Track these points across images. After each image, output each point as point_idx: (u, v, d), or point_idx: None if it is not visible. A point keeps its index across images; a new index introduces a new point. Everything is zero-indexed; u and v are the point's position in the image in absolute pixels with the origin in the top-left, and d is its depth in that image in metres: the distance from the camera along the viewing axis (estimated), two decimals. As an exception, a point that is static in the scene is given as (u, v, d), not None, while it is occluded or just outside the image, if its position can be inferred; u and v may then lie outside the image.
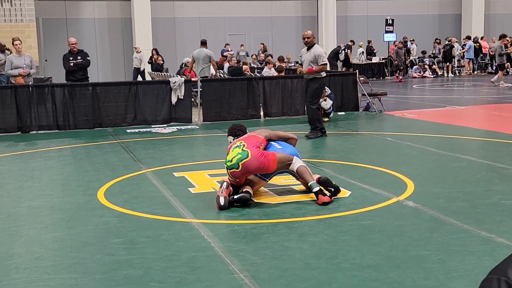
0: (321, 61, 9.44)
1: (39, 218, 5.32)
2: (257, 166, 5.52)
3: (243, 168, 5.49)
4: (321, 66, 9.45)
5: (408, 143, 8.89)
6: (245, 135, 5.90)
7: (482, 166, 7.21)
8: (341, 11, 27.15)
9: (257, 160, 5.50)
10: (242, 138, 5.82)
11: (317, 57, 9.42)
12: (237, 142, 5.72)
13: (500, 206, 5.28)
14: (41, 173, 7.40)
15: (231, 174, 5.57)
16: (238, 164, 5.48)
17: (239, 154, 5.53)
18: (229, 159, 5.57)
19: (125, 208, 5.53)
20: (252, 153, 5.51)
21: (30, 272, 3.95)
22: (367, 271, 3.83)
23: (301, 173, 5.64)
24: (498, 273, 1.16)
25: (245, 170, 5.51)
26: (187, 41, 25.17)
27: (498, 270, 1.17)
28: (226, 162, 5.60)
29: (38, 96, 11.14)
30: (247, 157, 5.48)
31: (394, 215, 5.10)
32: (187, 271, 3.90)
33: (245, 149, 5.57)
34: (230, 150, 5.67)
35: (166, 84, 12.03)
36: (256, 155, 5.52)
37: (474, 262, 3.94)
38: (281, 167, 5.69)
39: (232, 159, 5.53)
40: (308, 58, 9.53)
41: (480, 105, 14.13)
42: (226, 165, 5.61)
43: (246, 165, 5.48)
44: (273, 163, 5.58)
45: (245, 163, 5.47)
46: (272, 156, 5.58)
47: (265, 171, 5.63)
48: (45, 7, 23.20)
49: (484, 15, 28.88)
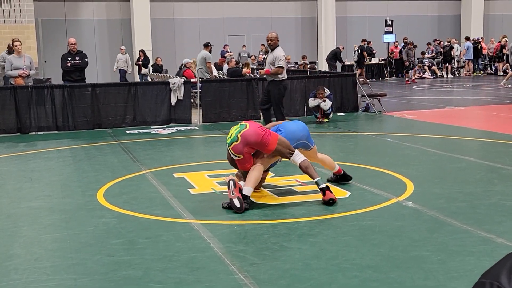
0: (277, 63, 9.39)
1: (38, 219, 5.31)
2: (256, 138, 5.43)
3: (243, 139, 5.40)
4: (276, 68, 9.43)
5: (407, 143, 8.89)
6: None
7: (481, 166, 7.21)
8: (341, 12, 27.16)
9: (256, 131, 5.45)
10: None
11: (275, 59, 9.42)
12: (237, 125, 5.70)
13: (499, 207, 5.28)
14: (40, 174, 7.39)
15: (233, 151, 5.44)
16: (237, 136, 5.42)
17: (237, 128, 5.54)
18: (229, 136, 5.52)
19: (125, 209, 5.52)
20: (250, 125, 5.53)
21: (29, 273, 3.95)
22: (367, 271, 3.83)
23: (305, 168, 5.59)
24: (490, 277, 1.15)
25: (245, 140, 5.40)
26: (186, 42, 25.17)
27: (491, 274, 1.16)
28: (226, 140, 5.54)
29: (37, 97, 11.14)
30: (245, 128, 5.48)
31: (394, 215, 5.10)
32: (186, 272, 3.90)
33: (243, 123, 5.63)
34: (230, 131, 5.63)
35: (166, 85, 12.03)
36: (255, 126, 5.52)
37: (474, 262, 3.93)
38: (281, 152, 5.59)
39: (231, 135, 5.49)
40: (268, 60, 9.59)
41: (480, 106, 14.13)
42: (227, 143, 5.51)
43: (245, 136, 5.41)
44: (274, 141, 5.49)
45: (243, 133, 5.42)
46: (274, 135, 5.55)
47: (265, 147, 5.49)
48: (44, 8, 23.21)
49: (483, 16, 28.89)
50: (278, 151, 5.58)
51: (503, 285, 1.12)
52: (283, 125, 5.93)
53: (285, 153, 5.61)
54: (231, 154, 5.52)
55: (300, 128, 5.93)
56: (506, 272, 1.13)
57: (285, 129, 5.83)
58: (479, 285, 1.17)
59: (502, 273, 1.14)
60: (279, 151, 5.58)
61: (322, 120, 11.63)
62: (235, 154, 5.47)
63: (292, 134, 5.78)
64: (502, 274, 1.13)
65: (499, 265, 1.17)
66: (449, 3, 29.30)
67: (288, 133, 5.77)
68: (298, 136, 5.84)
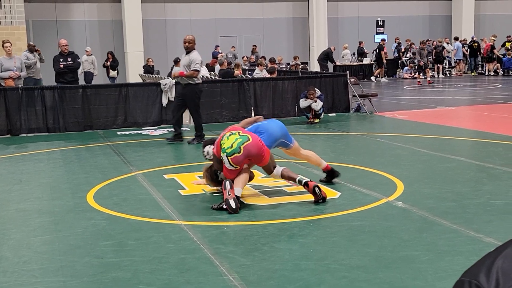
0: (194, 66, 9.20)
1: (27, 221, 5.29)
2: (257, 151, 5.49)
3: (245, 151, 5.42)
4: (191, 71, 9.23)
5: (398, 144, 8.91)
6: (228, 128, 5.85)
7: (471, 166, 7.24)
8: (332, 12, 27.21)
9: (257, 144, 5.50)
10: (227, 130, 5.76)
11: (191, 61, 9.23)
12: (227, 133, 5.65)
13: (488, 206, 5.30)
14: (30, 176, 7.36)
15: (232, 161, 5.43)
16: (239, 148, 5.42)
17: (239, 139, 5.49)
18: (228, 145, 5.46)
19: (115, 211, 5.51)
20: (252, 137, 5.53)
21: (18, 276, 3.93)
22: (356, 272, 3.83)
23: (286, 174, 5.67)
24: (469, 276, 1.16)
25: (247, 153, 5.43)
26: (178, 43, 25.02)
27: (470, 272, 1.17)
28: (226, 149, 5.46)
29: (28, 98, 11.09)
30: (248, 140, 5.48)
31: (383, 215, 5.12)
32: (176, 274, 3.89)
33: (243, 134, 5.57)
34: (225, 139, 5.56)
35: (157, 86, 12.01)
36: (256, 139, 5.54)
37: (463, 262, 3.95)
38: (268, 166, 5.68)
39: (232, 145, 5.45)
40: (184, 63, 9.40)
41: (470, 106, 14.20)
42: (226, 152, 5.45)
43: (248, 148, 5.43)
44: (268, 155, 5.60)
45: (247, 145, 5.44)
46: (267, 149, 5.62)
47: (261, 160, 5.56)
48: (35, 9, 23.11)
49: (474, 16, 29.03)
50: (268, 164, 5.68)
51: (481, 283, 1.12)
52: (262, 127, 5.87)
53: (270, 167, 5.71)
54: (229, 164, 5.46)
55: (279, 127, 5.95)
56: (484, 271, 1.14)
57: (265, 130, 5.81)
58: (459, 283, 1.18)
59: (481, 272, 1.15)
60: (268, 164, 5.68)
61: (313, 120, 11.65)
62: (233, 164, 5.45)
63: (272, 134, 5.81)
64: (481, 272, 1.14)
65: (479, 263, 1.18)
66: (440, 3, 29.42)
67: (270, 135, 5.78)
68: (278, 135, 5.86)
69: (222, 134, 5.78)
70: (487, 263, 1.16)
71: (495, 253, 1.17)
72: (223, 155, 5.50)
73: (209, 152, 6.01)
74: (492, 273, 1.12)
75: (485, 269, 1.14)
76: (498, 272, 1.12)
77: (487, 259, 1.18)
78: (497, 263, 1.14)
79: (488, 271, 1.13)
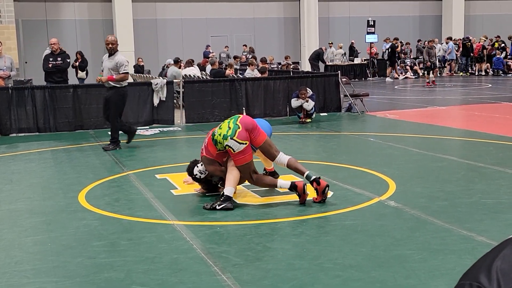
0: (123, 69, 8.87)
1: (18, 221, 5.25)
2: (251, 122, 5.59)
3: (243, 124, 5.48)
4: (122, 75, 8.88)
5: (390, 143, 8.94)
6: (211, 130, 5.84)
7: (462, 165, 7.28)
8: (323, 12, 27.25)
9: (249, 117, 5.67)
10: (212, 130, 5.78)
11: (118, 65, 8.85)
12: (215, 129, 5.66)
13: (480, 205, 5.33)
14: (21, 176, 7.31)
15: (239, 138, 5.38)
16: (237, 124, 5.46)
17: (231, 119, 5.57)
18: (226, 129, 5.45)
19: (107, 211, 5.48)
20: (242, 115, 5.67)
21: (9, 276, 3.90)
22: (349, 271, 3.84)
23: (293, 165, 5.71)
24: (469, 279, 1.14)
25: (245, 125, 5.48)
26: (169, 43, 25.08)
27: (470, 275, 1.16)
28: (227, 134, 5.41)
29: (18, 98, 11.02)
30: (239, 116, 5.62)
31: (376, 215, 5.13)
32: (169, 273, 3.88)
33: (231, 116, 5.69)
34: (218, 131, 5.53)
35: (148, 85, 11.97)
36: (245, 116, 5.71)
37: (455, 260, 3.97)
38: (267, 149, 5.70)
39: (229, 126, 5.45)
40: (109, 66, 8.92)
41: (461, 106, 14.27)
42: (228, 136, 5.40)
43: (243, 120, 5.53)
44: (263, 135, 5.65)
45: (241, 120, 5.54)
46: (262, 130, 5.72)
47: (258, 132, 5.60)
48: (25, 8, 22.97)
49: (464, 16, 29.18)
50: (265, 148, 5.66)
51: (483, 285, 1.11)
52: None
53: (273, 151, 5.72)
54: (238, 144, 5.39)
55: (267, 126, 6.10)
56: (485, 272, 1.13)
57: None
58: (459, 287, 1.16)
59: (481, 273, 1.13)
60: (265, 148, 5.66)
61: (305, 120, 11.66)
62: (242, 140, 5.41)
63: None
64: (481, 274, 1.13)
65: (477, 265, 1.17)
66: (430, 3, 29.55)
67: None
68: (267, 133, 5.93)
69: (208, 136, 5.79)
70: (486, 264, 1.14)
71: (492, 254, 1.16)
72: (227, 141, 5.43)
73: (200, 170, 5.84)
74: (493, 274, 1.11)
75: (485, 270, 1.13)
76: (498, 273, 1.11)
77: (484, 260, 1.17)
78: (495, 264, 1.12)
79: (488, 272, 1.12)
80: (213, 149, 5.64)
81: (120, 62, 8.88)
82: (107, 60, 9.04)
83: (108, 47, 9.01)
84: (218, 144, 5.54)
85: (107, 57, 9.08)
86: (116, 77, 8.88)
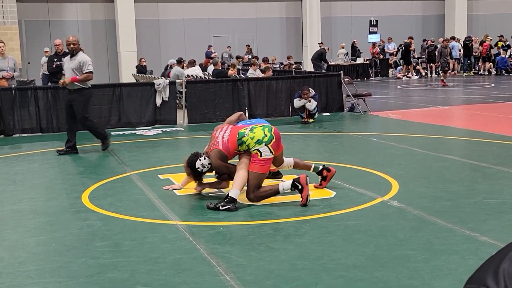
0: (86, 68, 8.57)
1: (22, 222, 5.27)
2: (279, 136, 5.68)
3: (276, 135, 5.58)
4: (86, 74, 8.55)
5: (392, 143, 8.93)
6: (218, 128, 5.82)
7: (465, 165, 7.27)
8: (325, 12, 27.24)
9: (278, 131, 5.71)
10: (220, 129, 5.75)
11: (82, 64, 8.53)
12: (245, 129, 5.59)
13: (483, 205, 5.32)
14: (24, 176, 7.33)
15: (272, 148, 5.47)
16: (272, 134, 5.52)
17: (265, 127, 5.59)
18: (262, 135, 5.46)
19: (110, 211, 5.49)
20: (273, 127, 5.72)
21: (13, 277, 3.91)
22: (352, 271, 3.84)
23: (301, 162, 6.05)
24: (476, 282, 1.12)
25: (277, 137, 5.60)
26: (171, 43, 25.09)
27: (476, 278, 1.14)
28: (263, 139, 5.44)
29: (21, 99, 11.04)
30: (272, 126, 5.69)
31: (379, 215, 5.13)
32: (172, 274, 3.89)
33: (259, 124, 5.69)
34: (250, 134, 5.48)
35: (151, 86, 11.99)
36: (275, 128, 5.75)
37: (458, 261, 3.96)
38: (280, 157, 5.85)
39: (265, 133, 5.48)
40: (72, 66, 8.58)
41: (464, 105, 14.25)
42: (264, 142, 5.43)
43: (276, 132, 5.62)
44: (281, 147, 5.81)
45: (274, 130, 5.61)
46: None
47: (279, 147, 5.72)
48: (28, 9, 23.01)
49: (467, 15, 29.14)
50: (281, 153, 5.85)
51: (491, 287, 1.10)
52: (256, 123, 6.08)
53: (282, 157, 5.89)
54: (270, 152, 5.45)
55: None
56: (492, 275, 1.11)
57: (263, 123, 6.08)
58: None
59: (488, 276, 1.11)
60: (281, 153, 5.85)
61: (307, 120, 11.66)
62: (273, 151, 5.51)
63: None
64: (488, 277, 1.11)
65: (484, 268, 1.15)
66: (433, 3, 29.51)
67: None
68: None
69: (215, 134, 5.76)
70: (492, 267, 1.12)
71: (499, 256, 1.14)
72: (260, 146, 5.44)
73: (203, 164, 5.74)
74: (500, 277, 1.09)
75: (492, 273, 1.11)
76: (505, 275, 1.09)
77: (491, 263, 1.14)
78: (503, 267, 1.10)
79: (495, 275, 1.10)
80: (233, 147, 5.54)
81: (84, 61, 8.58)
82: (69, 62, 8.70)
83: (69, 47, 8.68)
84: (243, 145, 5.49)
85: (68, 59, 8.75)
86: (80, 77, 8.56)
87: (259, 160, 5.46)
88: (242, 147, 5.52)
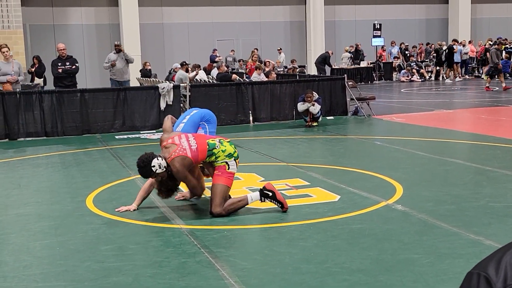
0: None
1: (27, 225, 5.28)
2: None
3: None
4: None
5: (396, 147, 8.93)
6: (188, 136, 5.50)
7: (470, 169, 7.26)
8: (329, 16, 27.26)
9: None
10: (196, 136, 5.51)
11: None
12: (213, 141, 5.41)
13: (488, 209, 5.31)
14: (29, 180, 7.35)
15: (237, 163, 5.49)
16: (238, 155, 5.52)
17: (231, 144, 5.53)
18: (233, 150, 5.46)
19: (114, 215, 5.50)
20: None
21: (18, 281, 3.92)
22: (357, 275, 3.84)
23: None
24: (479, 269, 1.22)
25: None
26: (175, 47, 25.15)
27: (480, 265, 1.22)
28: (233, 154, 5.41)
29: (26, 103, 11.08)
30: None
31: (383, 219, 5.12)
32: (177, 278, 3.89)
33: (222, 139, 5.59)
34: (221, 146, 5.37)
35: (155, 90, 12.01)
36: None
37: (463, 264, 3.96)
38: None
39: (234, 150, 5.49)
40: None
41: (468, 109, 14.23)
42: (233, 157, 5.41)
43: None
44: None
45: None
46: None
47: None
48: (32, 13, 23.10)
49: (470, 19, 29.12)
50: None
51: (490, 276, 1.17)
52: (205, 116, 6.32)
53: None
54: (236, 167, 5.45)
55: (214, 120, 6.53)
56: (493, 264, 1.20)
57: (210, 117, 6.41)
58: (468, 276, 1.23)
59: (490, 265, 1.20)
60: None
61: (311, 124, 11.66)
62: (236, 168, 5.50)
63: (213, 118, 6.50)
64: (490, 266, 1.20)
65: (488, 258, 1.23)
66: (437, 6, 29.51)
67: (214, 120, 6.46)
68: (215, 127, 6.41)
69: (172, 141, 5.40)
70: (496, 257, 1.21)
71: (504, 248, 1.22)
72: (230, 159, 5.38)
73: (160, 164, 5.20)
74: (501, 267, 1.18)
75: (494, 263, 1.20)
76: (506, 266, 1.17)
77: (496, 254, 1.23)
78: (505, 258, 1.19)
79: (497, 265, 1.19)
80: (202, 157, 5.36)
81: None
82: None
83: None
84: (213, 156, 5.35)
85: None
86: None
87: (226, 172, 5.37)
88: (211, 158, 5.38)
